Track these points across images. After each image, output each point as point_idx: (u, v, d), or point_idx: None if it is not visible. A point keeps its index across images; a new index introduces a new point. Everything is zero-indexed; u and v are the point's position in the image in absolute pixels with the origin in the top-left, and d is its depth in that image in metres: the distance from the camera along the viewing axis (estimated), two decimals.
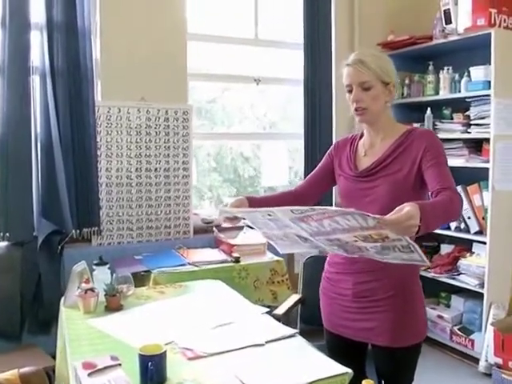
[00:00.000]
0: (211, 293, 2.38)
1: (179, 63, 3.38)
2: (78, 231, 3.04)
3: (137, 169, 3.26)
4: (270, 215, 1.53)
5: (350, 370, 1.52)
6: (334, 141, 3.88)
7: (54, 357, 2.71)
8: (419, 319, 1.78)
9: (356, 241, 1.41)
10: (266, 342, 1.74)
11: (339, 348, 1.90)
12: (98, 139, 3.12)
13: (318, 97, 3.77)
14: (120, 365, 1.43)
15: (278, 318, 2.15)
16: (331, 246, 1.52)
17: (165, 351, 1.43)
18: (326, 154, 2.04)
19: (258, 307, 2.15)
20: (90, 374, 1.35)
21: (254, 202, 1.80)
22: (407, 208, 1.32)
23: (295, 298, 2.53)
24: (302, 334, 1.85)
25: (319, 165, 2.05)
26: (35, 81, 2.93)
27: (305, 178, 3.72)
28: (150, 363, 1.39)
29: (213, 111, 4.05)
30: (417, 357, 1.80)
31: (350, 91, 1.76)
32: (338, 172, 1.93)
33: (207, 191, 4.03)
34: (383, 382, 1.79)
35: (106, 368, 1.39)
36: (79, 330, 1.92)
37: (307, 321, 2.57)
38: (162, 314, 2.07)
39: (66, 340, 1.82)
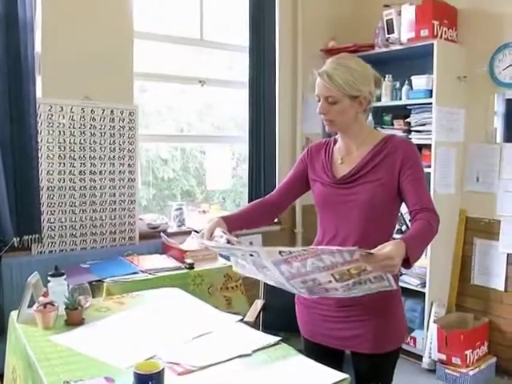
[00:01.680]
0: (175, 302, 2.28)
1: (125, 61, 3.23)
2: (18, 239, 2.80)
3: (80, 171, 3.07)
4: (252, 255, 1.50)
5: (347, 376, 1.51)
6: (277, 145, 3.91)
7: None
8: (400, 324, 1.81)
9: (330, 281, 1.44)
10: (253, 352, 1.69)
11: (317, 354, 1.87)
12: (39, 139, 2.90)
13: (262, 100, 3.76)
14: None
15: (251, 326, 2.10)
16: (300, 288, 1.52)
17: (163, 369, 1.34)
18: (299, 159, 2.01)
19: (230, 315, 2.09)
20: None
21: (230, 224, 1.78)
22: (388, 248, 1.39)
23: (260, 303, 2.49)
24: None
25: (291, 172, 2.02)
26: None
27: (249, 181, 3.81)
28: (150, 382, 1.29)
29: None
30: (397, 359, 1.83)
31: (319, 101, 1.76)
32: (313, 177, 1.91)
33: None
34: None
35: None
36: (44, 348, 1.75)
37: (269, 327, 2.54)
38: (131, 327, 1.94)
39: (33, 360, 1.66)
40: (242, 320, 2.08)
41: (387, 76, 3.69)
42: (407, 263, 1.46)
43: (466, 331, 3.26)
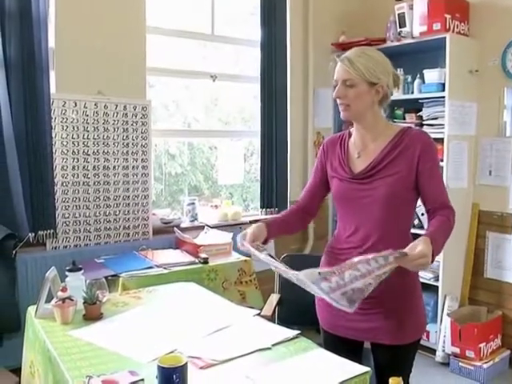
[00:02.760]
0: (191, 296, 2.29)
1: (138, 57, 3.23)
2: (33, 234, 2.82)
3: (94, 167, 3.08)
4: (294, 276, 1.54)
5: (369, 369, 1.51)
6: (289, 139, 3.91)
7: (12, 371, 2.54)
8: (420, 316, 1.82)
9: (370, 283, 1.48)
10: (272, 345, 1.70)
11: (336, 346, 1.88)
12: (53, 135, 2.91)
13: (273, 95, 3.76)
14: (143, 380, 1.33)
15: (268, 320, 2.11)
16: (340, 300, 1.54)
17: (186, 362, 1.35)
18: (317, 161, 2.00)
19: (247, 309, 2.10)
20: None
21: (271, 230, 1.84)
22: (420, 246, 1.46)
23: (276, 298, 2.50)
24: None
25: (313, 171, 2.01)
26: None
27: (261, 176, 3.81)
28: (174, 376, 1.30)
29: None
30: (416, 350, 1.84)
31: (336, 87, 1.77)
32: (331, 174, 1.90)
33: None
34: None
35: None
36: (64, 342, 1.77)
37: (285, 321, 2.55)
38: (150, 322, 1.95)
39: (54, 355, 1.67)
40: (259, 314, 2.09)
41: (399, 70, 3.67)
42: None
43: (480, 324, 3.26)
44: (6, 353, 2.65)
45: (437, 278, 3.42)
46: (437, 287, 3.41)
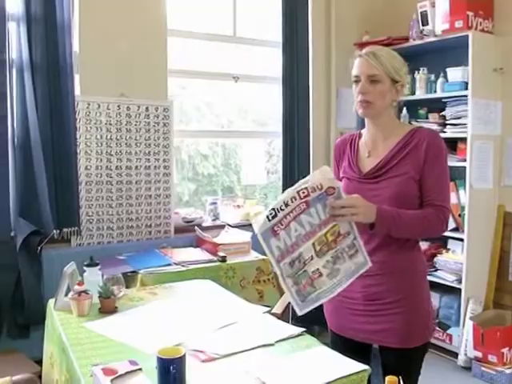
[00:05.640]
0: (205, 293, 2.34)
1: (159, 59, 3.31)
2: (58, 231, 2.92)
3: (117, 167, 3.17)
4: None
5: (367, 367, 1.52)
6: (311, 140, 3.92)
7: (37, 362, 2.63)
8: (428, 319, 1.79)
9: (312, 257, 1.53)
10: (276, 342, 1.72)
11: (345, 348, 1.88)
12: (78, 136, 3.02)
13: (296, 96, 3.78)
14: (141, 369, 1.37)
15: (277, 318, 2.13)
16: (292, 277, 1.55)
17: (184, 354, 1.39)
18: (334, 161, 1.98)
19: (257, 307, 2.13)
20: (112, 380, 1.29)
21: None
22: (356, 197, 1.59)
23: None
24: None
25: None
26: (12, 75, 2.80)
27: (283, 176, 3.83)
28: (171, 367, 1.34)
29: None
30: (425, 353, 1.82)
31: (357, 82, 1.73)
32: (341, 174, 1.89)
33: None
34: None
35: (127, 373, 1.33)
36: (78, 334, 1.84)
37: (299, 319, 2.56)
38: (161, 316, 2.01)
39: (67, 345, 1.74)
40: (269, 312, 2.11)
41: (421, 69, 3.64)
42: (372, 226, 1.60)
43: (503, 328, 3.19)
44: (32, 344, 2.75)
45: (460, 281, 3.36)
46: (460, 290, 3.35)
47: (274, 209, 1.49)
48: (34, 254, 2.79)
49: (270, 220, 1.49)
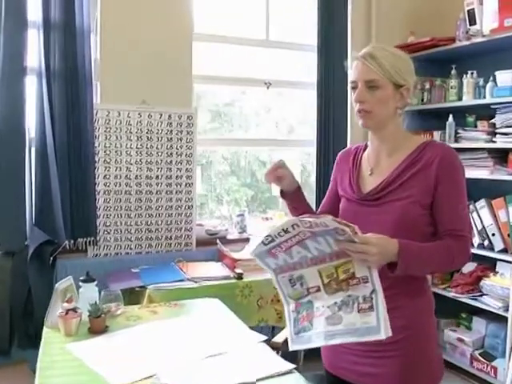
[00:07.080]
0: (207, 315, 2.18)
1: (184, 65, 3.20)
2: (71, 241, 2.87)
3: (137, 176, 3.08)
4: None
5: None
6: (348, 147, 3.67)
7: None
8: (433, 362, 1.53)
9: (318, 288, 1.36)
10: (257, 380, 1.54)
11: None
12: (96, 144, 2.96)
13: (331, 101, 3.56)
14: None
15: (276, 348, 1.94)
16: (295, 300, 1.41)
17: None
18: (333, 173, 1.76)
19: (255, 334, 1.94)
20: None
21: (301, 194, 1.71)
22: (376, 236, 1.31)
23: None
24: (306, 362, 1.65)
25: (330, 186, 1.77)
26: (30, 82, 2.78)
27: (316, 187, 3.61)
28: None
29: (230, 114, 3.92)
30: None
31: (354, 89, 1.51)
32: (340, 192, 1.67)
33: (225, 195, 3.91)
34: None
35: None
36: (54, 356, 1.75)
37: (310, 350, 2.34)
38: (148, 340, 1.87)
39: (38, 367, 1.65)
40: (268, 340, 1.93)
41: (469, 72, 3.31)
42: (394, 267, 1.34)
43: None
44: None
45: (506, 308, 3.00)
46: (506, 318, 3.00)
47: (270, 235, 1.33)
48: (45, 264, 2.75)
49: (265, 244, 1.35)
